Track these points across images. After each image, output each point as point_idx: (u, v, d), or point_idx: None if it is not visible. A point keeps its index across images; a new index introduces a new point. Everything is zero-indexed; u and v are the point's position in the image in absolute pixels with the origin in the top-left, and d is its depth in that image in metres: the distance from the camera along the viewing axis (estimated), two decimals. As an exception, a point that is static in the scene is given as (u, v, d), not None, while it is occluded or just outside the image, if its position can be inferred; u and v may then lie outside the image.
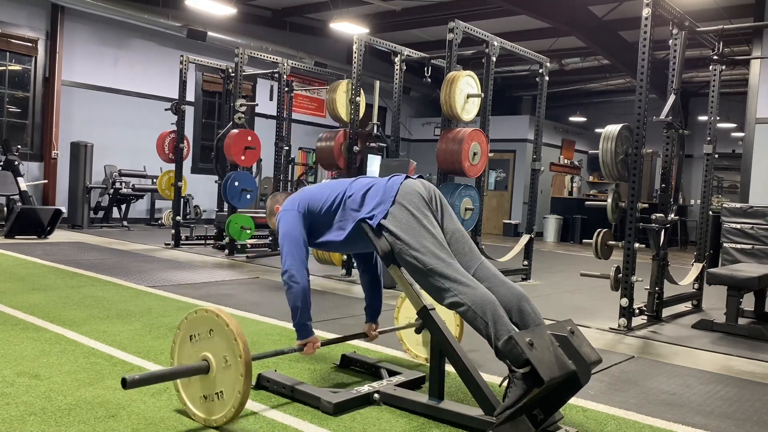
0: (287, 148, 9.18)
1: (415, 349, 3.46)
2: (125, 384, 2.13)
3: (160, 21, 10.55)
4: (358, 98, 6.51)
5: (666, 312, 5.13)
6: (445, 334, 2.51)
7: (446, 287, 2.44)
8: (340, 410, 2.54)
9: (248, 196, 7.52)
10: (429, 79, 6.86)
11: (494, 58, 6.27)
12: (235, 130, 7.54)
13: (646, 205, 4.63)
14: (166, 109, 8.90)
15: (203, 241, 8.75)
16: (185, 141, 8.46)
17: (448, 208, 2.73)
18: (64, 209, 8.69)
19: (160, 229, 10.63)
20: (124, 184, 10.20)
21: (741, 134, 10.88)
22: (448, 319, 3.22)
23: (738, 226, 7.84)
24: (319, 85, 13.58)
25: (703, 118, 11.97)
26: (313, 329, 2.82)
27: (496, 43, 6.27)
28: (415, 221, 2.55)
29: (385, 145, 6.95)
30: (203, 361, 2.35)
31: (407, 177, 2.72)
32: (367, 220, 2.64)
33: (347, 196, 2.77)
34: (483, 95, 5.97)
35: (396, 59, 6.94)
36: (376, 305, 3.20)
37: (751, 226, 7.76)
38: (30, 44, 9.84)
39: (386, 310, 4.80)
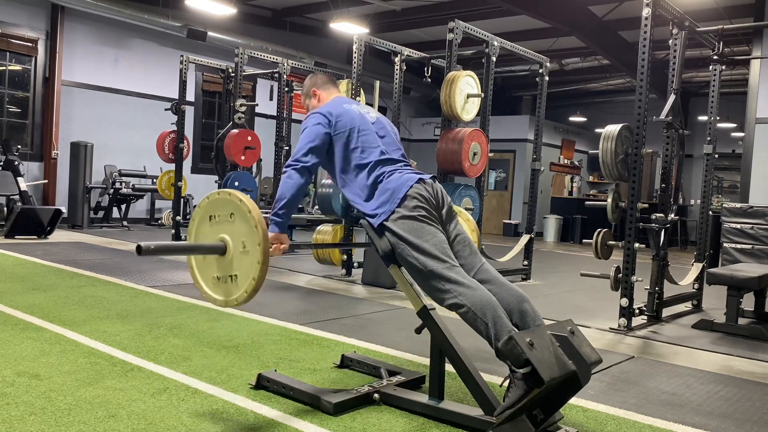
0: (287, 148, 9.17)
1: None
2: (140, 251, 2.11)
3: (160, 21, 10.55)
4: (358, 98, 6.51)
5: (666, 312, 5.13)
6: (445, 334, 2.51)
7: (446, 289, 2.44)
8: (340, 410, 2.54)
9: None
10: (429, 79, 6.85)
11: (494, 58, 6.27)
12: (235, 130, 7.54)
13: (646, 205, 4.62)
14: (166, 109, 8.90)
15: (203, 241, 8.73)
16: (185, 141, 8.46)
17: (453, 211, 2.73)
18: (64, 209, 8.69)
19: (160, 229, 10.62)
20: (124, 184, 10.19)
21: (741, 134, 10.88)
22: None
23: (738, 226, 7.84)
24: (319, 85, 13.55)
25: (703, 118, 11.98)
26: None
27: (496, 43, 6.27)
28: (418, 223, 2.55)
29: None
30: (221, 242, 2.36)
31: (420, 179, 2.64)
32: (369, 219, 2.64)
33: (370, 164, 2.71)
34: (483, 95, 5.97)
35: (396, 59, 6.94)
36: None
37: (751, 226, 7.76)
38: (30, 44, 9.84)
39: (388, 310, 4.82)
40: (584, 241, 5.22)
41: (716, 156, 5.91)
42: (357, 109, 2.87)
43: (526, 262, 6.94)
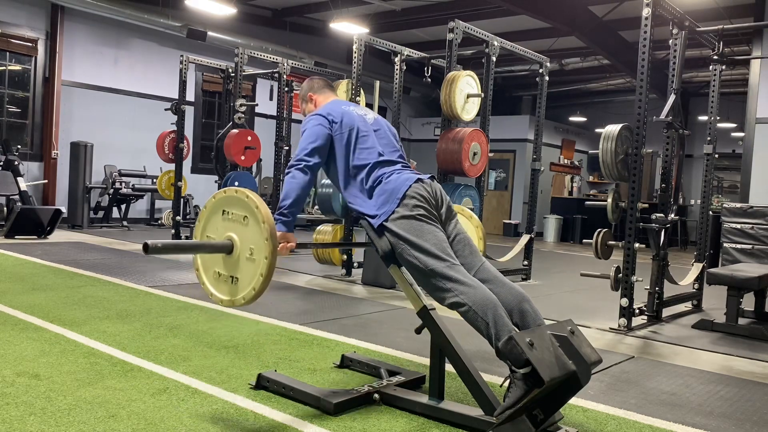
0: (287, 148, 9.18)
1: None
2: (147, 249, 2.11)
3: (160, 21, 10.55)
4: (358, 98, 6.51)
5: (666, 312, 5.13)
6: (445, 334, 2.51)
7: (447, 287, 2.44)
8: (340, 410, 2.54)
9: (248, 196, 7.51)
10: (429, 79, 6.85)
11: (494, 58, 6.27)
12: (235, 130, 7.53)
13: (646, 205, 4.62)
14: (166, 109, 8.90)
15: (203, 241, 8.73)
16: (185, 141, 8.46)
17: (453, 210, 2.74)
18: (64, 209, 8.69)
19: (160, 229, 10.62)
20: (124, 184, 10.19)
21: (741, 134, 10.88)
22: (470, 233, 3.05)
23: (738, 226, 7.84)
24: (319, 85, 13.55)
25: (703, 118, 11.98)
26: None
27: (496, 43, 6.27)
28: (418, 222, 2.55)
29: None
30: (228, 240, 2.37)
31: (419, 179, 2.66)
32: (369, 219, 2.64)
33: (368, 166, 2.72)
34: (483, 95, 5.97)
35: (396, 59, 6.94)
36: None
37: (751, 226, 7.76)
38: (30, 44, 9.83)
39: (388, 310, 4.82)
40: (584, 241, 5.21)
41: (716, 156, 5.91)
42: (355, 111, 2.87)
43: (526, 262, 6.94)
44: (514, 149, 15.01)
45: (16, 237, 7.94)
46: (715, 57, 5.58)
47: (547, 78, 6.98)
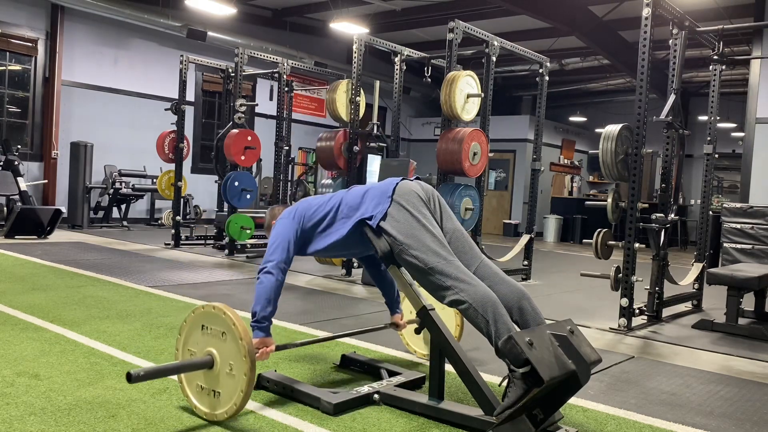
0: (287, 148, 9.18)
1: (416, 345, 3.46)
2: (130, 378, 2.15)
3: (160, 21, 10.55)
4: (358, 98, 6.51)
5: (666, 312, 5.13)
6: (445, 334, 2.51)
7: (447, 285, 2.44)
8: (340, 410, 2.54)
9: (248, 196, 7.52)
10: (429, 79, 6.85)
11: (494, 58, 6.27)
12: (235, 130, 7.53)
13: (646, 205, 4.62)
14: (166, 109, 8.90)
15: (203, 241, 8.75)
16: (185, 141, 8.46)
17: (447, 209, 2.74)
18: (64, 209, 8.69)
19: (160, 229, 10.62)
20: (124, 184, 10.20)
21: (741, 134, 10.88)
22: (447, 319, 3.23)
23: (738, 226, 7.84)
24: (319, 85, 13.58)
25: (703, 118, 11.98)
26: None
27: (496, 43, 6.27)
28: (415, 220, 2.56)
29: (385, 145, 6.95)
30: (208, 356, 2.40)
31: (404, 179, 2.72)
32: (367, 221, 2.64)
33: (344, 203, 2.76)
34: (483, 95, 5.96)
35: (396, 59, 6.94)
36: (392, 295, 3.17)
37: (751, 226, 7.76)
38: (30, 44, 9.84)
39: (387, 310, 4.81)
40: (584, 241, 5.22)
41: (716, 156, 5.91)
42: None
43: (526, 262, 6.94)
44: (514, 149, 15.01)
45: (16, 237, 7.94)
46: (715, 57, 5.58)
47: (547, 78, 6.98)
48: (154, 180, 10.40)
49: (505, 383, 2.29)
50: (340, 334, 3.11)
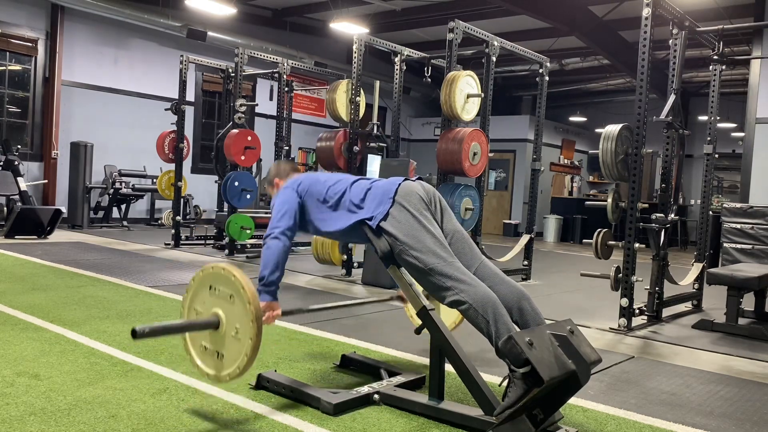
0: (287, 148, 9.18)
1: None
2: (135, 334, 2.15)
3: (160, 21, 10.55)
4: (358, 98, 6.51)
5: (666, 312, 5.13)
6: (445, 334, 2.51)
7: (447, 286, 2.44)
8: (340, 410, 2.54)
9: (248, 196, 7.52)
10: (429, 79, 6.85)
11: (494, 58, 6.27)
12: (235, 130, 7.53)
13: (646, 205, 4.62)
14: (166, 109, 8.90)
15: (203, 241, 8.75)
16: (185, 141, 8.46)
17: (448, 210, 2.74)
18: (64, 209, 8.69)
19: (160, 229, 10.62)
20: (124, 184, 10.19)
21: (741, 134, 10.88)
22: (446, 315, 3.21)
23: (738, 226, 7.84)
24: (319, 85, 13.58)
25: (703, 118, 11.96)
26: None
27: (496, 43, 6.27)
28: (415, 221, 2.56)
29: (385, 145, 6.95)
30: (214, 316, 2.40)
31: (406, 179, 2.72)
32: (367, 222, 2.64)
33: (348, 194, 2.76)
34: (483, 95, 5.96)
35: (396, 59, 6.94)
36: None
37: (751, 226, 7.76)
38: (30, 44, 9.84)
39: (388, 310, 4.82)
40: (584, 241, 5.22)
41: (716, 156, 5.91)
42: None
43: (526, 262, 6.94)
44: (514, 149, 15.01)
45: (16, 237, 7.94)
46: (715, 57, 5.58)
47: (547, 78, 6.98)
48: (154, 180, 10.40)
49: (505, 383, 2.30)
50: (344, 304, 3.11)
